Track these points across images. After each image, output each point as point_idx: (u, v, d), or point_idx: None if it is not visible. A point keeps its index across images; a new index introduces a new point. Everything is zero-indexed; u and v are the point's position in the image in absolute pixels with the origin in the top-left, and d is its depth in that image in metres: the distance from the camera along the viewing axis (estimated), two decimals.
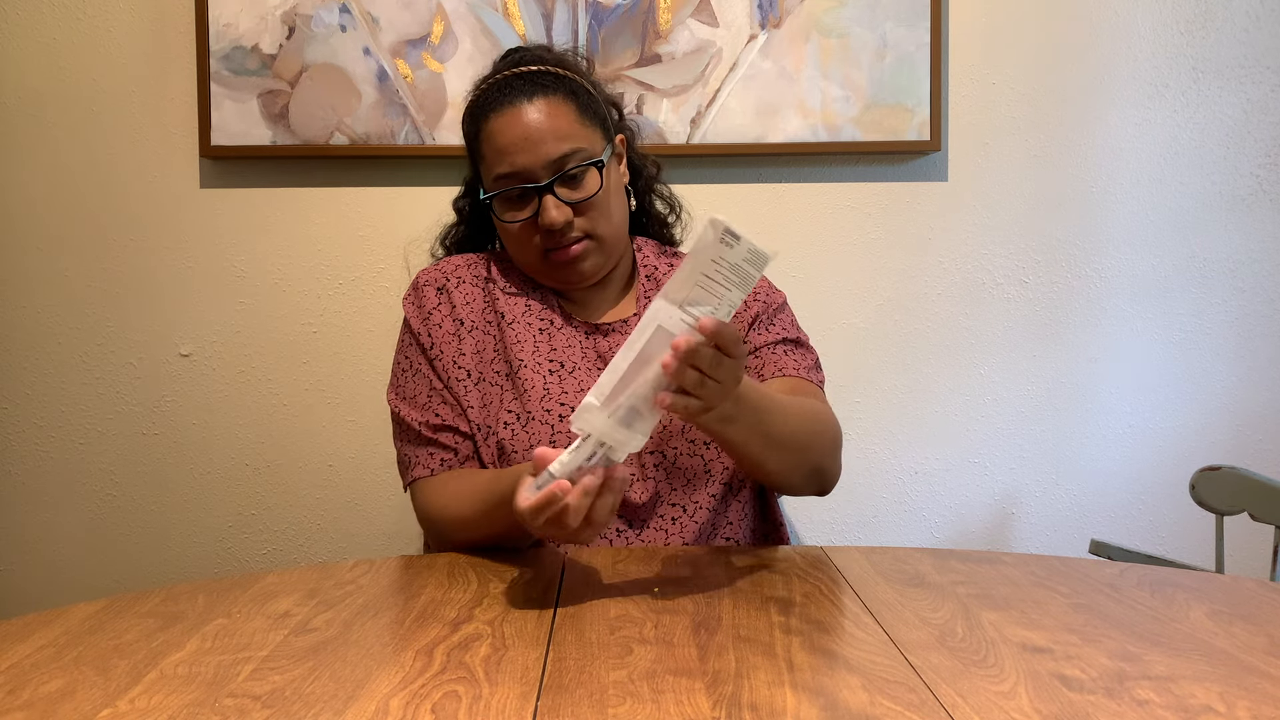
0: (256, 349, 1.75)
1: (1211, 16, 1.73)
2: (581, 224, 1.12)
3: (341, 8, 1.68)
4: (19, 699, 0.65)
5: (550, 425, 1.10)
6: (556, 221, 1.10)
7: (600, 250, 1.15)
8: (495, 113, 1.13)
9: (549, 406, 1.11)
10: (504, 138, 1.11)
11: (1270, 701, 0.62)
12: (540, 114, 1.11)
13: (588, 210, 1.12)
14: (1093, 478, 1.78)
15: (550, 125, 1.11)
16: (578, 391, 1.12)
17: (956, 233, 1.75)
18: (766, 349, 1.18)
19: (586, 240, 1.13)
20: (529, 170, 1.10)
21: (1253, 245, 1.76)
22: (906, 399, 1.77)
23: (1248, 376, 1.77)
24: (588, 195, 1.12)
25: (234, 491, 1.77)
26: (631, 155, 1.25)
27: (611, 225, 1.15)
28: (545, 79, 1.14)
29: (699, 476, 1.13)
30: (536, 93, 1.12)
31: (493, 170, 1.13)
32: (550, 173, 1.11)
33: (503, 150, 1.11)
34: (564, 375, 1.13)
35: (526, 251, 1.15)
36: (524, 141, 1.10)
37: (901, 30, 1.68)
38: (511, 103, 1.12)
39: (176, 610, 0.84)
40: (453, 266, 1.22)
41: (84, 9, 1.72)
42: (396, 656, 0.72)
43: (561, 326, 1.17)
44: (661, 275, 1.23)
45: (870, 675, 0.67)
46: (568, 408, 1.10)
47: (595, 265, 1.16)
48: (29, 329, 1.75)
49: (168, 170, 1.74)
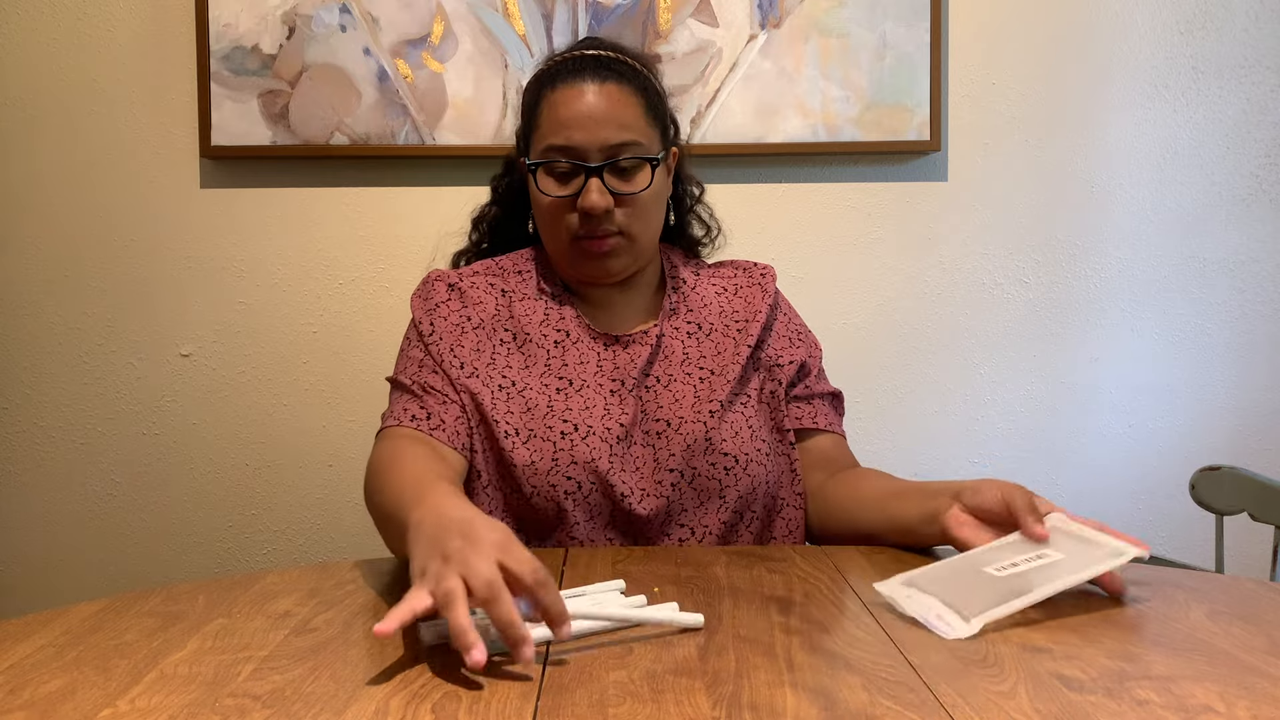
0: (256, 349, 1.75)
1: (1211, 16, 1.73)
2: (620, 218, 1.10)
3: (341, 8, 1.68)
4: (19, 699, 0.65)
5: (552, 443, 1.07)
6: (598, 206, 1.07)
7: (631, 250, 1.12)
8: (565, 84, 1.10)
9: (551, 423, 1.08)
10: (568, 110, 1.08)
11: (1270, 701, 0.62)
12: (608, 98, 1.09)
13: (630, 205, 1.10)
14: (1093, 478, 1.78)
15: (616, 111, 1.09)
16: (582, 409, 1.09)
17: (956, 233, 1.75)
18: (820, 399, 1.21)
19: (620, 237, 1.11)
20: (583, 149, 1.08)
21: (1253, 245, 1.76)
22: (906, 399, 1.77)
23: (1248, 376, 1.77)
24: (635, 190, 1.10)
25: (234, 491, 1.77)
26: (679, 172, 1.23)
27: (648, 228, 1.13)
28: (622, 67, 1.12)
29: (712, 499, 1.10)
30: (610, 77, 1.10)
31: (546, 139, 1.10)
32: (603, 157, 1.08)
33: (563, 122, 1.08)
34: (570, 393, 1.10)
35: (557, 231, 1.12)
36: (587, 119, 1.08)
37: (901, 30, 1.68)
38: (582, 79, 1.09)
39: (176, 610, 0.83)
40: (470, 271, 1.19)
41: (84, 9, 1.72)
42: (397, 656, 0.72)
43: (578, 340, 1.14)
44: (688, 289, 1.20)
45: (870, 675, 0.67)
46: (571, 425, 1.08)
47: (623, 265, 1.13)
48: (29, 329, 1.75)
49: (168, 170, 1.74)
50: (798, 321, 1.25)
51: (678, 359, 1.15)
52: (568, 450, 1.07)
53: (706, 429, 1.10)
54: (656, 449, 1.10)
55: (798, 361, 1.20)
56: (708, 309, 1.19)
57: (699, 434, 1.10)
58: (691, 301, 1.20)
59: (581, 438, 1.07)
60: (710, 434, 1.10)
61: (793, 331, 1.22)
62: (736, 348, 1.16)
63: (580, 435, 1.07)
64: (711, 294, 1.21)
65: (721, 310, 1.19)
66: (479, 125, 1.69)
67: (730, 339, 1.17)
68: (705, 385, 1.13)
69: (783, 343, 1.20)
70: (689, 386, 1.13)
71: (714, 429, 1.10)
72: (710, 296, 1.20)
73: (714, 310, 1.19)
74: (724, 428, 1.11)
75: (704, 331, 1.18)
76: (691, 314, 1.19)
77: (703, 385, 1.13)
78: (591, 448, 1.07)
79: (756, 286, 1.21)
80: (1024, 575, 0.81)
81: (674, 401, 1.12)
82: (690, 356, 1.16)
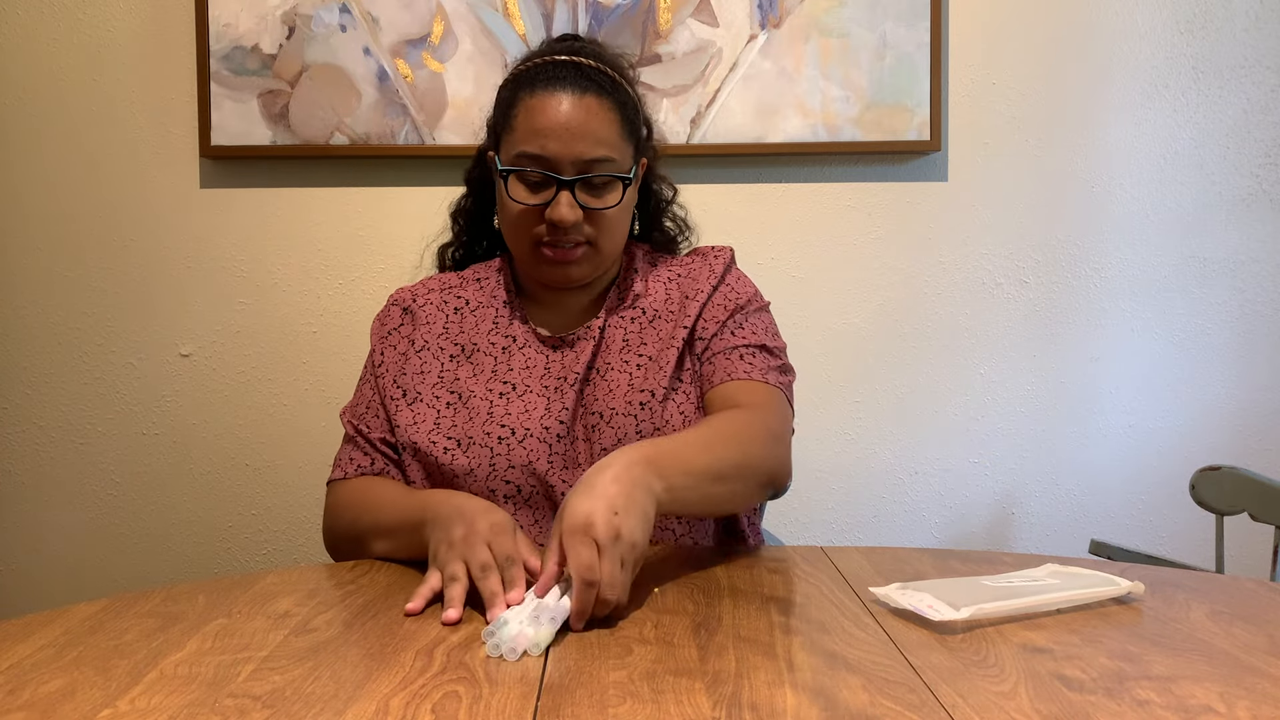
0: (256, 349, 1.76)
1: (1211, 16, 1.73)
2: (589, 230, 1.10)
3: (341, 8, 1.68)
4: (19, 699, 0.65)
5: (489, 448, 1.07)
6: (567, 219, 1.07)
7: (595, 259, 1.13)
8: (544, 90, 1.08)
9: (489, 429, 1.08)
10: (543, 118, 1.07)
11: (1270, 701, 0.62)
12: (586, 111, 1.08)
13: (598, 220, 1.10)
14: (1093, 478, 1.78)
15: (593, 126, 1.08)
16: (521, 413, 1.09)
17: (956, 233, 1.75)
18: (722, 355, 1.13)
19: (586, 246, 1.11)
20: (556, 160, 1.07)
21: (1253, 245, 1.76)
22: (906, 399, 1.77)
23: (1248, 376, 1.77)
24: (605, 206, 1.10)
25: (234, 491, 1.77)
26: (649, 178, 1.23)
27: (614, 240, 1.13)
28: (602, 79, 1.11)
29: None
30: (589, 89, 1.09)
31: (520, 145, 1.09)
32: (576, 171, 1.08)
33: (537, 130, 1.07)
34: (512, 397, 1.11)
35: (521, 235, 1.12)
36: (563, 130, 1.07)
37: (901, 30, 1.68)
38: (561, 87, 1.08)
39: (176, 610, 0.83)
40: (425, 289, 1.21)
41: (84, 9, 1.72)
42: (397, 656, 0.72)
43: (525, 344, 1.15)
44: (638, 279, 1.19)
45: (870, 675, 0.67)
46: (508, 429, 1.08)
47: (585, 273, 1.14)
48: (29, 329, 1.75)
49: (168, 170, 1.74)
50: (743, 291, 1.18)
51: (617, 348, 1.14)
52: (505, 455, 1.07)
53: (637, 421, 1.08)
54: (593, 443, 1.09)
55: (718, 322, 1.15)
56: (653, 296, 1.18)
57: (629, 426, 1.08)
58: (638, 290, 1.18)
59: (519, 440, 1.08)
60: (641, 425, 1.08)
61: (728, 301, 1.16)
62: (674, 330, 1.14)
63: (518, 439, 1.08)
64: (661, 282, 1.20)
65: (668, 297, 1.18)
66: (479, 125, 1.69)
67: (670, 323, 1.16)
68: (641, 373, 1.12)
69: (716, 311, 1.16)
70: (624, 375, 1.12)
71: (644, 419, 1.08)
72: (659, 285, 1.19)
73: (659, 297, 1.18)
74: (656, 416, 1.09)
75: (646, 317, 1.16)
76: (638, 301, 1.18)
77: (638, 373, 1.12)
78: (529, 450, 1.07)
79: (705, 267, 1.19)
80: (1018, 589, 0.83)
81: (608, 393, 1.11)
82: (630, 344, 1.15)
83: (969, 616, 0.76)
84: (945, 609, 0.77)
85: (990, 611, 0.78)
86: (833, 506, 1.78)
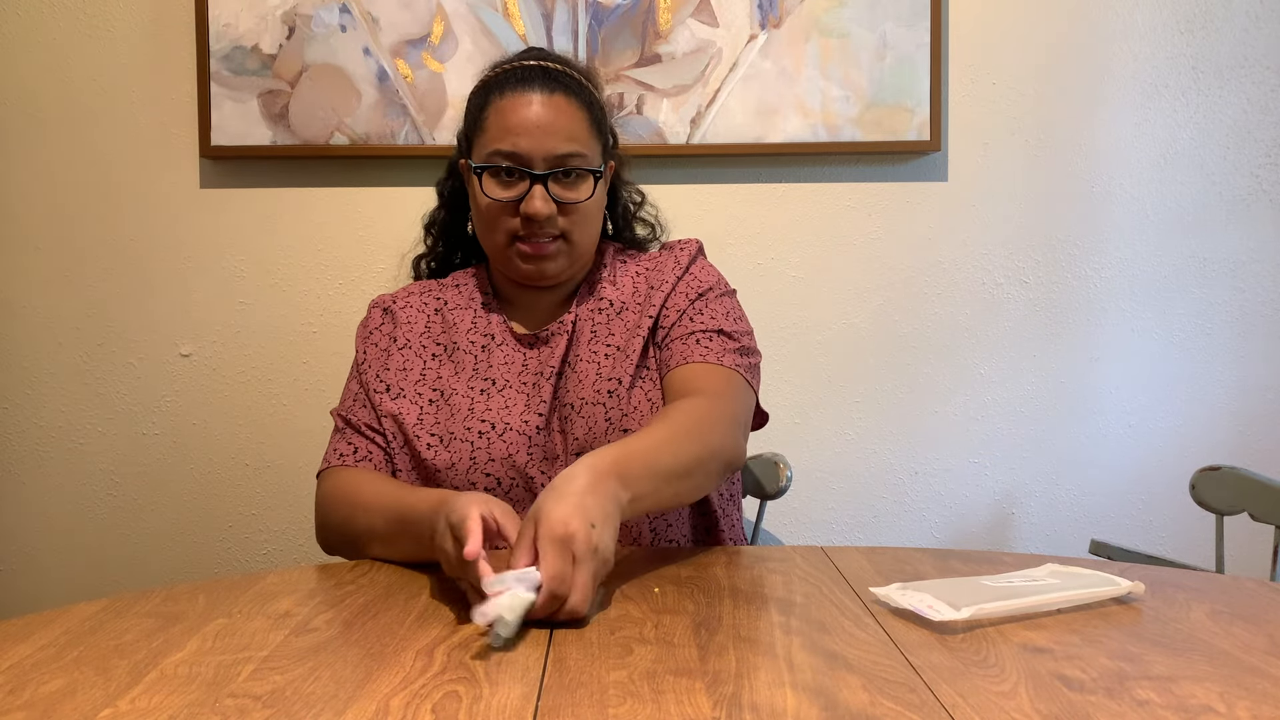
0: (256, 349, 1.76)
1: (1211, 16, 1.73)
2: (562, 224, 1.13)
3: (341, 8, 1.68)
4: (19, 699, 0.65)
5: (469, 443, 1.10)
6: (541, 213, 1.10)
7: (569, 254, 1.15)
8: (513, 91, 1.12)
9: (470, 424, 1.11)
10: (515, 117, 1.11)
11: (1270, 701, 0.62)
12: (556, 109, 1.12)
13: (571, 213, 1.13)
14: (1093, 478, 1.78)
15: (563, 122, 1.11)
16: (501, 408, 1.12)
17: (956, 233, 1.75)
18: (679, 340, 1.14)
19: (560, 241, 1.14)
20: (529, 156, 1.11)
21: (1253, 245, 1.76)
22: (906, 399, 1.77)
23: (1248, 376, 1.77)
24: (578, 200, 1.13)
25: (234, 491, 1.77)
26: (617, 182, 1.26)
27: (586, 235, 1.16)
28: (569, 80, 1.15)
29: None
30: (557, 89, 1.13)
31: (491, 144, 1.12)
32: (548, 166, 1.11)
33: (509, 129, 1.11)
34: (492, 393, 1.14)
35: (495, 233, 1.15)
36: (534, 127, 1.10)
37: (901, 30, 1.68)
38: (531, 88, 1.12)
39: (176, 610, 0.83)
40: (405, 293, 1.25)
41: (84, 9, 1.72)
42: (397, 656, 0.72)
43: (503, 342, 1.18)
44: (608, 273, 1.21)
45: (870, 675, 0.67)
46: (489, 424, 1.11)
47: (559, 268, 1.16)
48: (29, 329, 1.75)
49: (168, 170, 1.74)
50: (705, 279, 1.19)
51: (587, 340, 1.17)
52: (485, 449, 1.09)
53: (606, 409, 1.10)
54: (566, 434, 1.11)
55: (679, 310, 1.16)
56: (621, 289, 1.21)
57: (599, 415, 1.10)
58: (608, 284, 1.21)
59: (499, 435, 1.10)
60: (610, 414, 1.10)
61: (690, 289, 1.18)
62: (639, 320, 1.17)
63: (498, 433, 1.10)
64: (629, 276, 1.22)
65: (635, 289, 1.20)
66: None
67: (636, 314, 1.18)
68: (609, 363, 1.14)
69: (678, 300, 1.17)
70: (593, 365, 1.14)
71: (612, 407, 1.11)
72: (628, 279, 1.22)
73: (627, 290, 1.21)
74: (623, 403, 1.11)
75: (614, 309, 1.19)
76: (607, 293, 1.20)
77: (606, 363, 1.14)
78: (509, 443, 1.10)
79: (671, 259, 1.21)
80: (1018, 589, 0.83)
81: (579, 384, 1.13)
82: (599, 335, 1.17)
83: (969, 616, 0.77)
84: (945, 609, 0.77)
85: (990, 611, 0.78)
86: (833, 506, 1.78)
